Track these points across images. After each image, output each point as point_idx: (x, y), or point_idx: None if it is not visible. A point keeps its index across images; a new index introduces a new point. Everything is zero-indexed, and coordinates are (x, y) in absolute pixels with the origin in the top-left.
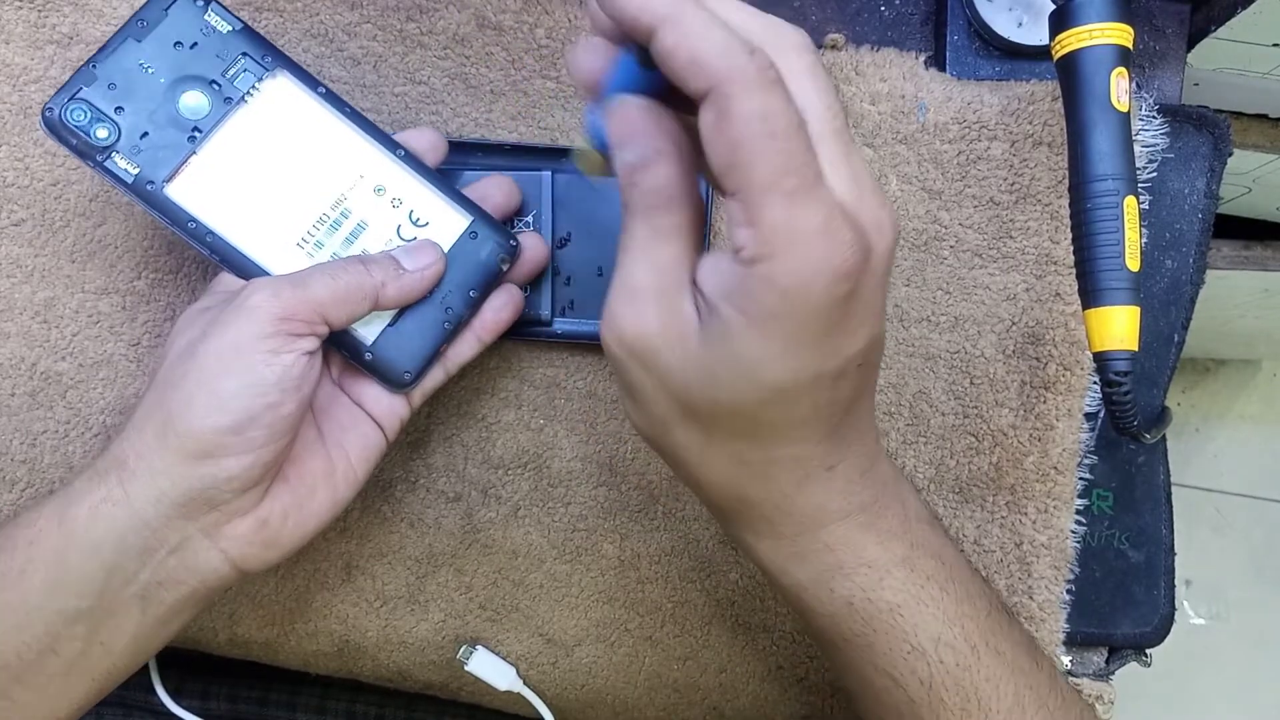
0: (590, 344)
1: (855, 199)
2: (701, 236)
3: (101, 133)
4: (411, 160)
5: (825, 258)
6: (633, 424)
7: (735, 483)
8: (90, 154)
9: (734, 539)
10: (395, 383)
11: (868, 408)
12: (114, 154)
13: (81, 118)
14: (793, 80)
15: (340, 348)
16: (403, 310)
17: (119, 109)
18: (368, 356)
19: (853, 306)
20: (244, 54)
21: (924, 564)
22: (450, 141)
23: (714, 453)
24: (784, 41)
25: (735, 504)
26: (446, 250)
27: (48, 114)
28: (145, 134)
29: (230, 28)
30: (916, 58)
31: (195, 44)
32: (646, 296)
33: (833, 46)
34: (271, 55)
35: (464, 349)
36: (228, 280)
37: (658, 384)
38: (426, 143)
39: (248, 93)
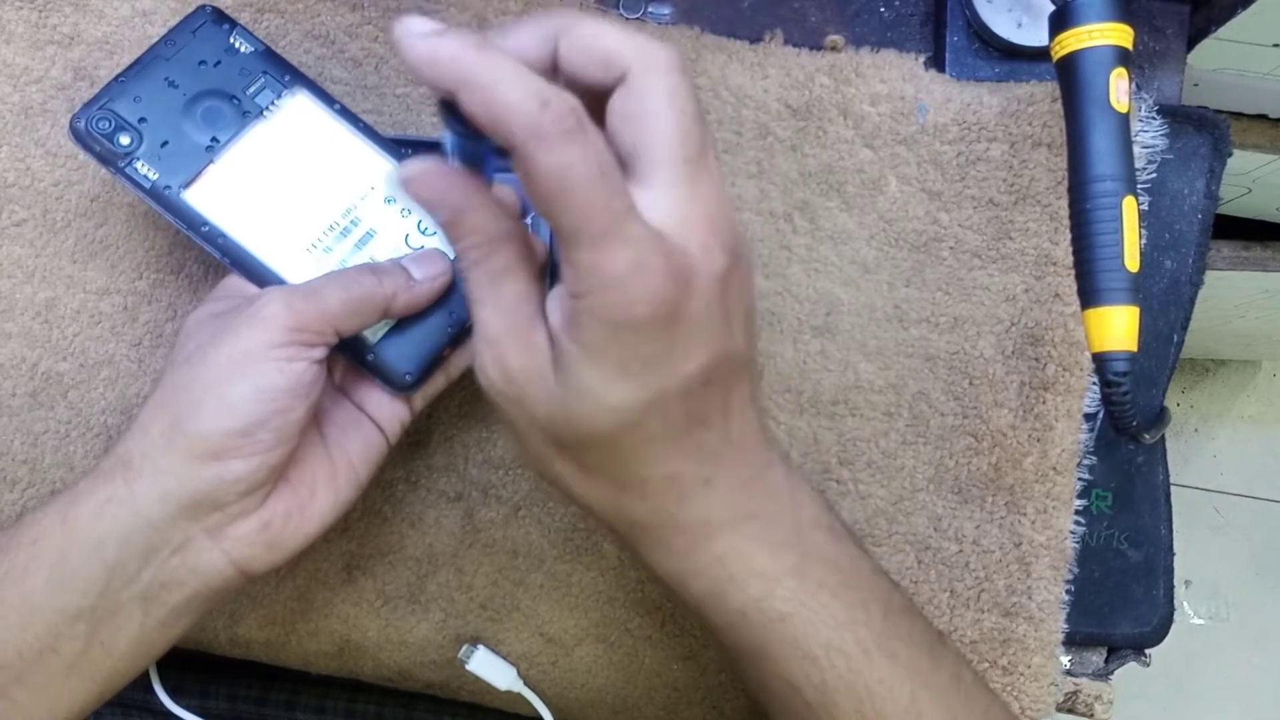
0: None
1: (680, 226)
2: (539, 270)
3: (124, 140)
4: None
5: (636, 293)
6: (524, 464)
7: (617, 506)
8: (112, 160)
9: (635, 558)
10: (396, 384)
11: (744, 420)
12: (135, 161)
13: (106, 127)
14: (644, 102)
15: (343, 348)
16: None
17: (142, 119)
18: (370, 357)
19: (678, 330)
20: (264, 73)
21: (816, 571)
22: None
23: (591, 481)
24: (646, 61)
25: (625, 526)
26: (453, 258)
27: (75, 124)
28: (166, 143)
29: (252, 49)
30: (916, 59)
31: (219, 62)
32: (503, 339)
33: (832, 48)
34: (291, 74)
35: (467, 355)
36: (233, 285)
37: (528, 421)
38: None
39: (266, 108)
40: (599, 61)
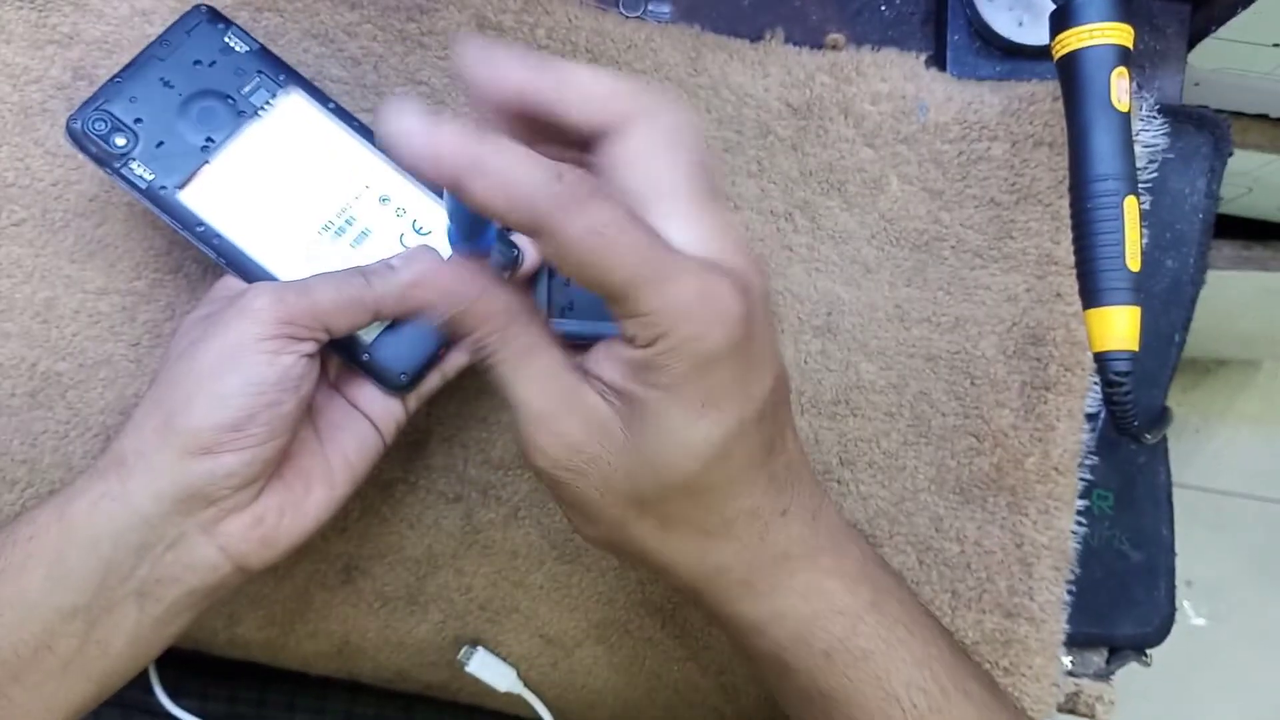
0: (590, 344)
1: (720, 251)
2: (556, 339)
3: (120, 141)
4: None
5: (713, 317)
6: (585, 537)
7: (703, 554)
8: (108, 161)
9: (713, 614)
10: (391, 385)
11: (796, 449)
12: (130, 161)
13: (102, 128)
14: (642, 148)
15: (337, 348)
16: None
17: (138, 120)
18: (365, 357)
19: (753, 347)
20: (260, 72)
21: (889, 607)
22: None
23: (675, 534)
24: (638, 107)
25: (709, 576)
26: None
27: (71, 125)
28: (161, 143)
29: (247, 48)
30: (917, 58)
31: (214, 62)
32: (553, 412)
33: (833, 46)
34: (285, 74)
35: (463, 355)
36: (227, 287)
37: (603, 487)
38: None
39: (261, 108)
40: (594, 109)
